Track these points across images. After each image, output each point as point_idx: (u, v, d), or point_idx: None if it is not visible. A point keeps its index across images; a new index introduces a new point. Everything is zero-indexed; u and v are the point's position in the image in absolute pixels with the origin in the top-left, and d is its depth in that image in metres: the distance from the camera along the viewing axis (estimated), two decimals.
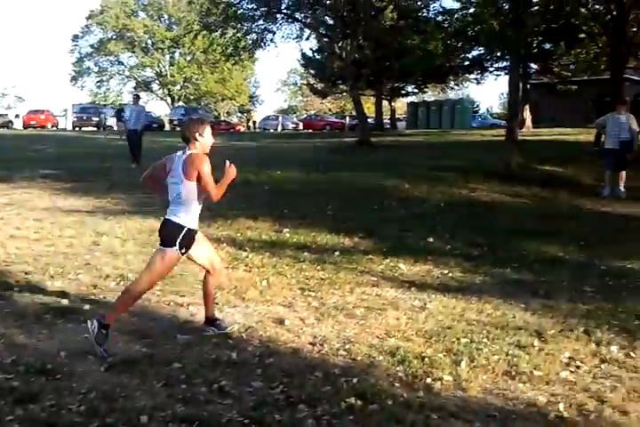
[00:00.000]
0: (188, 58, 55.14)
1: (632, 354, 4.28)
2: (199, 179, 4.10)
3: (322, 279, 6.01)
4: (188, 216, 4.22)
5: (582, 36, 19.75)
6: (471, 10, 18.13)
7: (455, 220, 9.02)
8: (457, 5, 18.77)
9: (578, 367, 4.05)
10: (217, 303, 5.13)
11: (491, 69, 30.37)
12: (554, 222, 9.01)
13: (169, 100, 57.32)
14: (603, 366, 4.09)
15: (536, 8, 17.45)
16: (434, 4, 28.14)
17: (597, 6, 18.39)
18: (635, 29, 16.88)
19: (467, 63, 29.87)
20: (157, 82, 57.73)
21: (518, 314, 5.11)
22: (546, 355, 4.21)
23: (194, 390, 3.56)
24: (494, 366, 4.00)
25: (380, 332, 4.63)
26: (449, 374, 3.86)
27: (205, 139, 4.22)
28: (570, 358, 4.19)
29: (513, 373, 3.92)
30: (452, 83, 39.10)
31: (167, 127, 40.63)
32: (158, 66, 56.39)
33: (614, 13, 15.71)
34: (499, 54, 25.68)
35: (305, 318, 4.94)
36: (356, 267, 6.51)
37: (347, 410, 3.38)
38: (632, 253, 7.30)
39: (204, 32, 25.65)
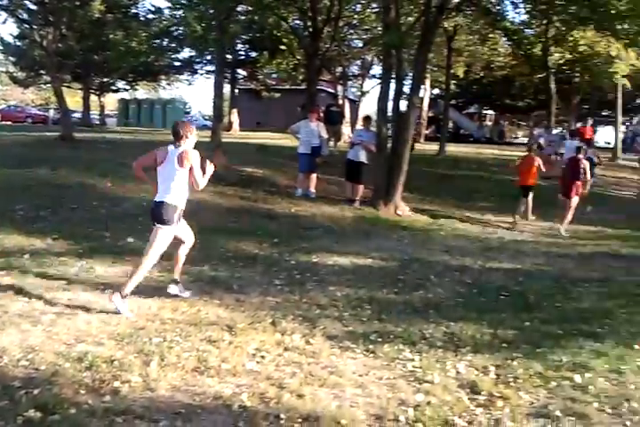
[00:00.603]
0: None
1: (312, 341, 4.70)
2: (186, 165, 5.10)
3: (8, 286, 5.52)
4: (179, 197, 5.21)
5: (283, 47, 21.12)
6: (180, 11, 18.24)
7: None
8: (167, 5, 18.79)
9: (263, 357, 4.31)
10: None
11: (201, 72, 30.92)
12: (252, 221, 9.50)
13: None
14: (286, 354, 4.42)
15: (242, 17, 18.30)
16: (144, 2, 27.65)
17: (297, 21, 19.81)
18: (328, 45, 18.55)
19: (178, 64, 29.96)
20: None
21: (212, 310, 5.28)
22: (235, 348, 4.41)
23: None
24: (184, 363, 4.07)
25: (69, 338, 4.41)
26: (138, 376, 3.84)
27: (193, 137, 5.28)
28: (256, 349, 4.45)
29: (202, 368, 4.04)
30: (164, 82, 38.77)
31: None
32: None
33: (310, 29, 17.05)
34: (208, 58, 26.26)
35: None
36: (46, 271, 6.10)
37: (24, 424, 3.17)
38: (317, 248, 8.05)
39: None
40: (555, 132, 20.37)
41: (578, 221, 11.70)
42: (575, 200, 11.16)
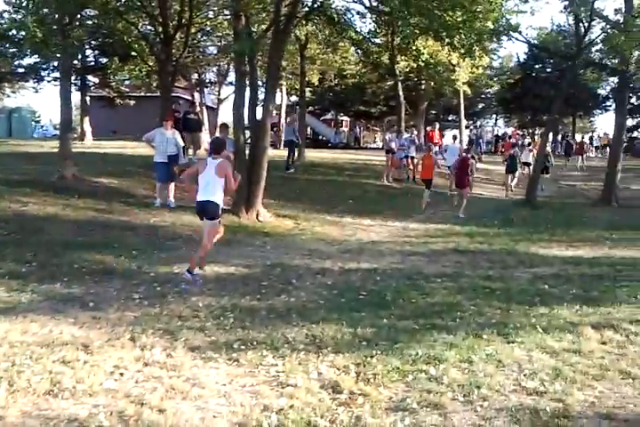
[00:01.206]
0: None
1: (173, 354, 4.61)
2: (223, 175, 6.78)
3: None
4: (219, 198, 6.84)
5: (134, 53, 20.45)
6: (20, 15, 17.16)
7: (3, 236, 8.40)
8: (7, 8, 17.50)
9: (122, 375, 4.17)
10: None
11: (48, 79, 29.24)
12: (109, 233, 9.15)
13: None
14: (146, 369, 4.30)
15: (88, 22, 17.52)
16: None
17: (148, 27, 19.26)
18: (181, 52, 18.21)
19: (21, 70, 28.21)
20: None
21: (66, 329, 5.03)
22: (91, 367, 4.24)
23: None
24: (36, 387, 3.86)
25: None
26: None
27: (228, 151, 7.09)
28: (115, 366, 4.30)
29: (56, 390, 3.85)
30: (8, 89, 36.32)
31: None
32: None
33: (161, 35, 16.64)
34: (55, 64, 24.92)
35: None
36: None
37: None
38: (177, 259, 7.85)
39: None
40: (405, 136, 21.30)
41: (428, 221, 12.38)
42: (468, 190, 14.39)
